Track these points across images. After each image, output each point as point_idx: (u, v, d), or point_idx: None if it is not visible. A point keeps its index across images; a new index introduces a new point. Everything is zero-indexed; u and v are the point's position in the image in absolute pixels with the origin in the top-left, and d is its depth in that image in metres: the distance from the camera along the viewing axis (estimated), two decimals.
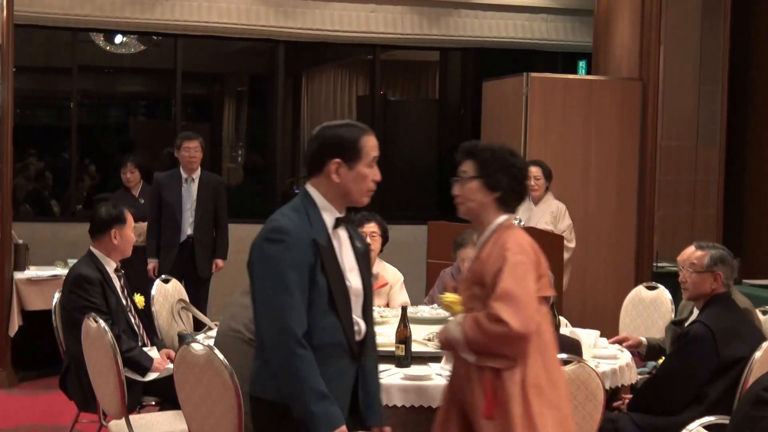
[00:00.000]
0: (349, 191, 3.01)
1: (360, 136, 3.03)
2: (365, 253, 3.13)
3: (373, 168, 3.04)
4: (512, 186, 3.25)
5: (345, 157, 3.00)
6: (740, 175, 8.60)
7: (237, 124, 12.99)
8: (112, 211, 4.96)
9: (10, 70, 6.81)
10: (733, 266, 4.39)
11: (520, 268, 3.10)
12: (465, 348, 3.12)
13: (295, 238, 2.88)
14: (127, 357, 4.57)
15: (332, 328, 2.92)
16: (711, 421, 3.05)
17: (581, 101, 8.14)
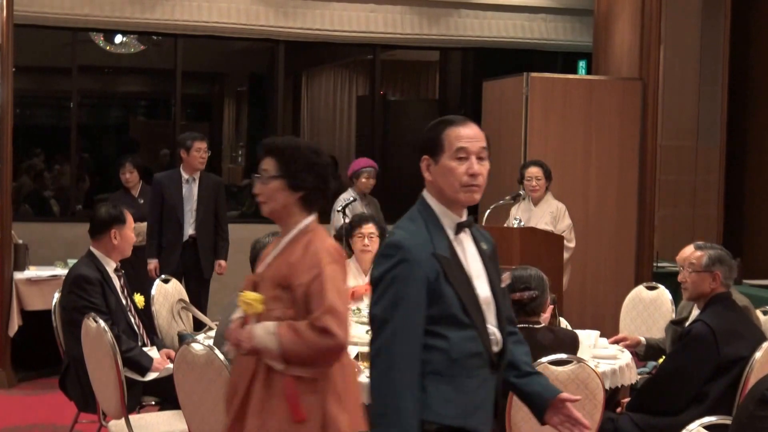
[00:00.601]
0: (442, 188, 2.81)
1: (444, 128, 2.84)
2: (493, 254, 2.95)
3: (466, 161, 2.79)
4: (316, 185, 3.14)
5: (431, 152, 2.83)
6: (740, 175, 8.60)
7: (237, 124, 13.00)
8: (112, 211, 4.96)
9: (10, 70, 6.81)
10: (731, 266, 4.38)
11: (338, 278, 3.03)
12: (277, 358, 3.00)
13: (409, 253, 2.69)
14: (127, 357, 4.57)
15: (471, 339, 2.74)
16: (711, 421, 3.05)
17: (581, 101, 8.14)
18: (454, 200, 2.81)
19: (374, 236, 5.80)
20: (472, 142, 2.80)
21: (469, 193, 2.80)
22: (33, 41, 9.10)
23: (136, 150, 11.24)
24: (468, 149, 2.79)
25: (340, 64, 11.73)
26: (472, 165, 2.79)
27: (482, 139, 2.83)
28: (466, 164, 2.78)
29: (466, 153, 2.79)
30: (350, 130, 11.59)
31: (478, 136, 2.82)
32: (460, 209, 2.84)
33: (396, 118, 10.68)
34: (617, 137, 8.20)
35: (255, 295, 3.10)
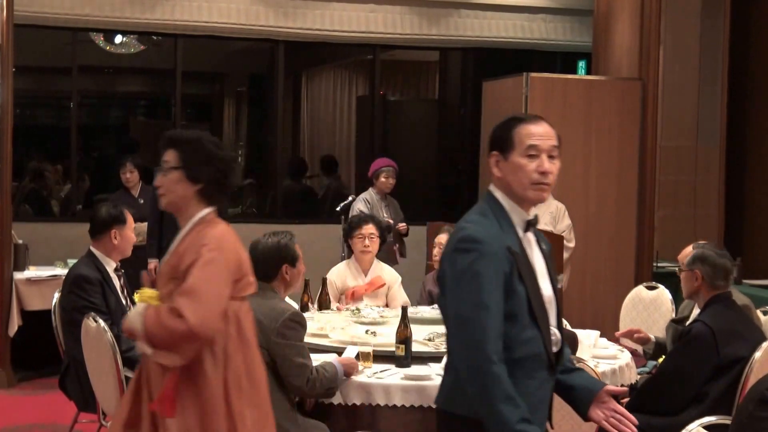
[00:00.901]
0: (510, 185, 2.77)
1: (515, 125, 2.82)
2: (550, 255, 2.92)
3: (536, 158, 2.75)
4: (215, 179, 3.12)
5: (501, 149, 2.81)
6: (740, 175, 8.59)
7: (237, 124, 12.99)
8: (112, 211, 4.96)
9: (10, 70, 6.81)
10: (715, 266, 4.33)
11: (212, 265, 2.98)
12: (144, 340, 2.97)
13: (488, 246, 2.66)
14: (127, 357, 4.57)
15: (534, 339, 2.72)
16: (711, 421, 3.05)
17: (581, 101, 8.14)
18: (523, 197, 2.78)
19: (374, 237, 5.80)
20: (543, 139, 2.78)
21: (539, 191, 2.77)
22: (33, 41, 9.10)
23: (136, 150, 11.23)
24: (539, 147, 2.77)
25: (340, 64, 11.73)
26: (543, 163, 2.76)
27: (553, 137, 2.81)
28: (536, 162, 2.76)
29: (536, 150, 2.77)
30: (350, 130, 11.59)
31: (549, 134, 2.81)
32: (528, 206, 2.82)
33: (396, 118, 10.67)
34: (617, 137, 8.20)
35: (151, 291, 3.08)
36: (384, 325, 4.97)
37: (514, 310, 2.68)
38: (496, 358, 2.59)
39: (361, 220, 5.87)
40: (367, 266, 5.87)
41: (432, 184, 10.50)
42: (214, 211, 3.16)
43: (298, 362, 3.86)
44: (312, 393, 3.92)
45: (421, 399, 3.98)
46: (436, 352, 4.39)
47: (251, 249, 4.11)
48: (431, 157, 10.64)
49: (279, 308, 3.93)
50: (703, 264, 4.33)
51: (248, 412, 3.04)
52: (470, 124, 9.87)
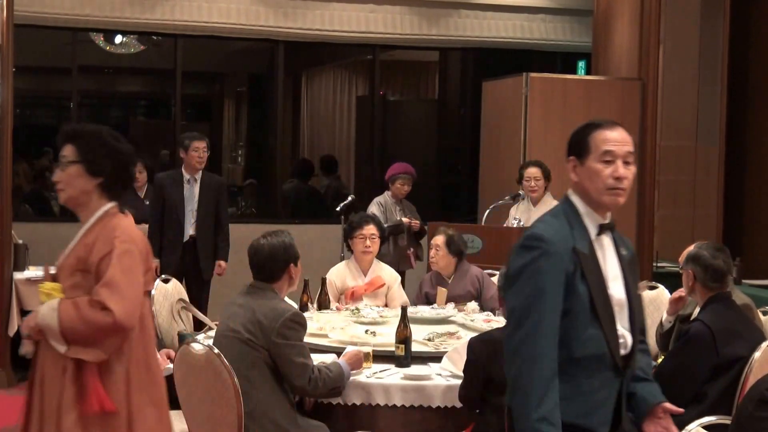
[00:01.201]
0: (587, 190, 2.84)
1: (591, 131, 2.87)
2: (632, 261, 2.96)
3: (611, 164, 2.81)
4: (116, 172, 3.10)
5: (577, 154, 2.88)
6: (740, 175, 8.59)
7: (236, 124, 13.00)
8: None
9: (10, 70, 6.81)
10: (707, 266, 4.33)
11: (128, 257, 2.97)
12: (58, 336, 2.95)
13: (551, 245, 2.74)
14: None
15: (595, 339, 2.76)
16: (710, 420, 3.05)
17: (581, 101, 8.14)
18: (598, 202, 2.84)
19: (375, 237, 5.81)
20: (619, 145, 2.83)
21: (614, 196, 2.82)
22: (33, 41, 9.10)
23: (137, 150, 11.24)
24: (614, 152, 2.82)
25: (340, 65, 11.74)
26: (618, 168, 2.81)
27: (629, 143, 2.86)
28: (611, 167, 2.81)
29: (612, 156, 2.82)
30: (350, 130, 11.59)
31: (625, 140, 2.85)
32: (604, 211, 2.87)
33: (395, 118, 10.68)
34: None
35: (53, 285, 3.08)
36: (384, 325, 4.97)
37: (575, 308, 2.74)
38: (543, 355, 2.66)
39: (362, 220, 5.86)
40: (367, 266, 5.87)
41: (432, 184, 10.50)
42: (116, 205, 3.13)
43: (299, 362, 3.86)
44: (315, 393, 3.92)
45: (420, 399, 3.99)
46: (435, 352, 4.40)
47: (254, 250, 4.08)
48: (431, 157, 10.64)
49: (279, 308, 3.93)
50: (696, 264, 4.34)
51: (149, 411, 3.03)
52: (470, 124, 9.88)
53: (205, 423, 3.84)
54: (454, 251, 5.70)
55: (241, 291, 4.11)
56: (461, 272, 5.74)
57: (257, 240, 4.12)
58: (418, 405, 3.98)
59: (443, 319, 5.20)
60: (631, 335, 2.86)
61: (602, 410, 2.81)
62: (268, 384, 3.86)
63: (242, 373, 3.78)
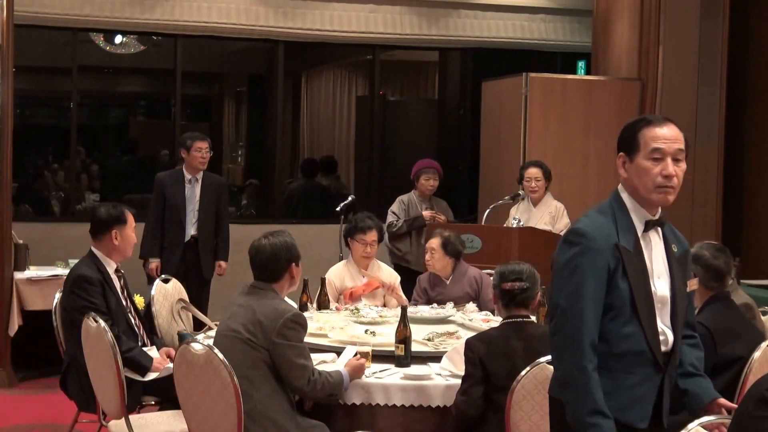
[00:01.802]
0: (635, 187, 2.86)
1: (641, 127, 2.86)
2: (683, 258, 2.96)
3: (661, 161, 2.81)
4: None
5: (627, 150, 2.88)
6: (739, 175, 8.61)
7: (236, 124, 13.00)
8: (112, 211, 4.94)
9: (10, 70, 6.82)
10: (708, 267, 4.33)
11: None
12: None
13: (593, 241, 2.76)
14: (127, 357, 4.58)
15: (635, 336, 2.78)
16: (710, 420, 3.05)
17: (580, 101, 8.15)
18: (647, 200, 2.85)
19: (375, 243, 5.84)
20: (669, 143, 2.81)
21: (663, 194, 2.84)
22: (33, 41, 9.10)
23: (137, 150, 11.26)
24: (664, 150, 2.81)
25: (340, 65, 11.74)
26: (667, 166, 2.81)
27: (679, 140, 2.84)
28: (661, 165, 2.81)
29: (661, 154, 2.81)
30: (350, 130, 11.59)
31: (676, 137, 2.84)
32: (653, 207, 2.88)
33: (395, 118, 10.68)
34: (616, 137, 8.16)
35: None
36: (383, 324, 4.98)
37: (616, 304, 2.76)
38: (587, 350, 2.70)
39: (366, 226, 5.83)
40: (366, 267, 5.88)
41: None
42: None
43: (298, 363, 3.87)
44: (313, 395, 3.93)
45: (420, 399, 3.99)
46: (435, 351, 4.40)
47: (256, 250, 4.07)
48: (430, 157, 10.65)
49: (280, 309, 3.94)
50: (696, 264, 4.33)
51: None
52: (470, 124, 9.88)
53: (205, 423, 3.84)
54: (450, 252, 5.70)
55: (242, 291, 4.11)
56: (459, 273, 5.73)
57: (258, 240, 4.12)
58: (417, 405, 3.99)
59: (443, 318, 5.20)
60: (673, 332, 2.88)
61: (641, 405, 2.84)
62: (268, 384, 3.86)
63: (242, 373, 3.78)
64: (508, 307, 4.06)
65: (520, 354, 3.85)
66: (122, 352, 4.44)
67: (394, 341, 4.28)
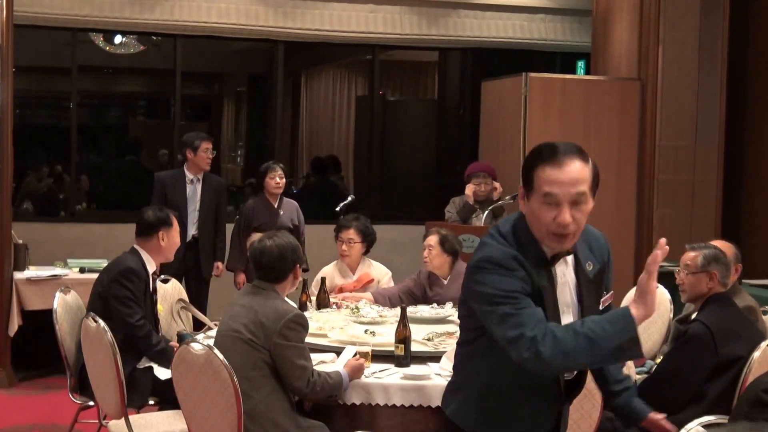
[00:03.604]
0: (532, 226, 2.53)
1: (537, 165, 2.49)
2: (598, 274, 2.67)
3: (555, 208, 2.46)
4: None
5: (525, 186, 2.53)
6: (739, 175, 8.61)
7: (236, 124, 13.00)
8: (159, 213, 5.05)
9: (9, 70, 6.82)
10: (727, 265, 4.38)
11: None
12: None
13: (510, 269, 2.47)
14: (159, 350, 4.76)
15: None
16: (710, 420, 3.06)
17: (580, 101, 8.15)
18: (542, 241, 2.55)
19: (353, 242, 5.85)
20: (564, 188, 2.45)
21: (558, 242, 2.51)
22: (33, 41, 9.10)
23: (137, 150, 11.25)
24: (558, 197, 2.45)
25: (340, 64, 11.74)
26: (561, 214, 2.45)
27: (579, 183, 2.47)
28: (554, 211, 2.46)
29: (554, 200, 2.46)
30: (349, 130, 11.59)
31: (574, 180, 2.46)
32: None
33: (395, 118, 10.68)
34: (616, 137, 8.21)
35: None
36: (383, 324, 4.98)
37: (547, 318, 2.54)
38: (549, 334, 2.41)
39: (342, 225, 5.95)
40: (355, 265, 5.97)
41: (430, 184, 10.50)
42: None
43: (299, 364, 3.87)
44: (312, 396, 3.93)
45: (420, 399, 3.99)
46: (435, 351, 4.40)
47: (261, 251, 4.07)
48: (430, 157, 10.65)
49: (281, 309, 3.94)
50: (719, 264, 4.35)
51: None
52: (469, 124, 9.88)
53: (205, 423, 3.84)
54: (448, 250, 5.70)
55: (243, 291, 4.12)
56: (456, 273, 5.73)
57: (262, 241, 4.11)
58: (417, 405, 3.98)
59: (442, 318, 5.21)
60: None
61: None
62: (268, 384, 3.86)
63: (243, 373, 3.79)
64: None
65: None
66: (154, 345, 4.71)
67: (393, 341, 4.28)
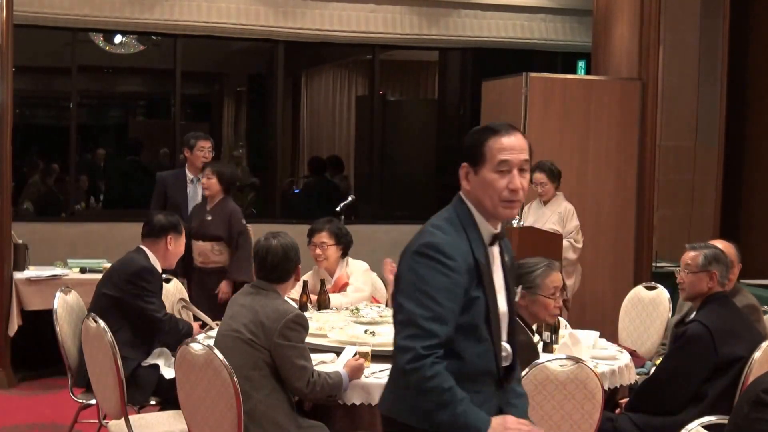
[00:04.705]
0: (480, 200, 2.68)
1: (487, 137, 2.68)
2: (512, 267, 2.86)
3: (507, 175, 2.65)
4: None
5: (471, 161, 2.71)
6: (739, 175, 8.60)
7: (236, 124, 13.00)
8: (170, 218, 5.10)
9: (9, 70, 6.81)
10: (727, 264, 4.37)
11: None
12: None
13: (450, 260, 2.58)
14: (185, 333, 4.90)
15: (486, 354, 2.67)
16: (710, 420, 3.05)
17: (580, 101, 8.14)
18: (492, 214, 2.70)
19: (326, 245, 5.65)
20: (515, 153, 2.66)
21: (509, 208, 2.68)
22: (33, 41, 9.10)
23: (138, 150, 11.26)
24: (510, 162, 2.66)
25: (340, 64, 11.74)
26: (513, 179, 2.65)
27: (525, 150, 2.70)
28: (507, 178, 2.66)
29: (508, 166, 2.66)
30: (349, 129, 11.60)
31: (522, 147, 2.69)
32: (496, 221, 2.74)
33: (395, 117, 10.68)
34: (616, 137, 8.20)
35: None
36: (383, 324, 4.97)
37: (474, 322, 2.64)
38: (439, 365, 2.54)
39: (314, 229, 5.70)
40: (333, 269, 5.76)
41: (431, 183, 10.50)
42: None
43: (299, 364, 3.86)
44: (312, 396, 3.92)
45: None
46: None
47: (266, 251, 4.05)
48: (430, 157, 10.65)
49: (282, 309, 3.94)
50: (719, 264, 4.34)
51: None
52: (469, 124, 9.88)
53: (205, 423, 3.84)
54: None
55: (243, 290, 4.11)
56: None
57: (266, 241, 4.10)
58: None
59: None
60: (511, 347, 2.79)
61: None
62: (269, 384, 3.86)
63: (243, 373, 3.78)
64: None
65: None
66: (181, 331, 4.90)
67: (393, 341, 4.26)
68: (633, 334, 5.87)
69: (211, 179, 6.51)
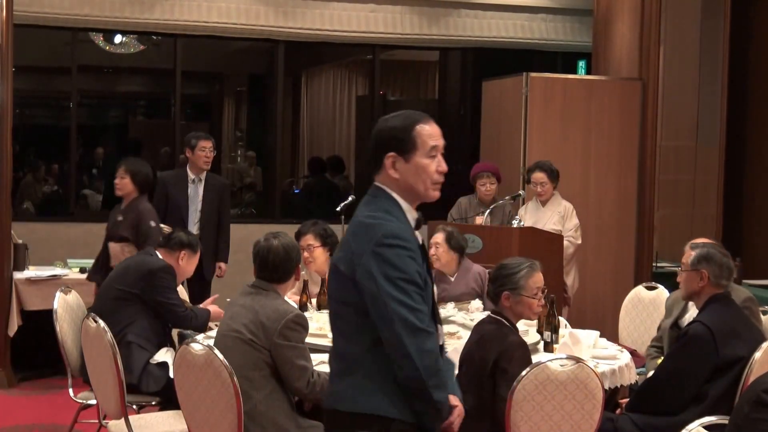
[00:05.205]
0: (412, 186, 2.82)
1: (413, 125, 2.82)
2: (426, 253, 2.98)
3: (436, 158, 2.82)
4: None
5: (400, 150, 2.81)
6: (740, 175, 8.60)
7: (236, 124, 13.00)
8: (191, 237, 5.18)
9: (9, 70, 6.81)
10: (721, 264, 4.33)
11: None
12: None
13: (409, 243, 2.74)
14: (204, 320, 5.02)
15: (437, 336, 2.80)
16: (711, 420, 3.05)
17: (581, 101, 8.14)
18: (423, 197, 2.84)
19: (312, 247, 5.58)
20: (440, 139, 2.85)
21: (437, 190, 2.85)
22: (33, 41, 9.10)
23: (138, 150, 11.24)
24: (438, 147, 2.83)
25: (340, 64, 11.73)
26: (441, 163, 2.84)
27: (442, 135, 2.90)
28: (435, 162, 2.83)
29: (436, 151, 2.83)
30: (350, 129, 11.59)
31: (441, 134, 2.88)
32: (415, 205, 2.89)
33: None
34: (617, 137, 8.20)
35: None
36: None
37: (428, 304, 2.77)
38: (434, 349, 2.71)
39: (299, 233, 5.59)
40: (323, 271, 5.67)
41: None
42: None
43: (299, 364, 3.86)
44: (312, 396, 3.92)
45: None
46: None
47: (267, 251, 4.04)
48: None
49: (282, 309, 3.93)
50: (710, 263, 4.32)
51: None
52: (470, 124, 9.87)
53: (205, 423, 3.84)
54: (454, 246, 5.70)
55: (243, 291, 4.10)
56: (463, 270, 5.74)
57: (267, 241, 4.09)
58: None
59: (443, 319, 5.19)
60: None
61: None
62: (269, 384, 3.85)
63: (243, 373, 3.78)
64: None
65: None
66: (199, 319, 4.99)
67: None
68: (633, 334, 5.87)
69: (124, 179, 6.19)
